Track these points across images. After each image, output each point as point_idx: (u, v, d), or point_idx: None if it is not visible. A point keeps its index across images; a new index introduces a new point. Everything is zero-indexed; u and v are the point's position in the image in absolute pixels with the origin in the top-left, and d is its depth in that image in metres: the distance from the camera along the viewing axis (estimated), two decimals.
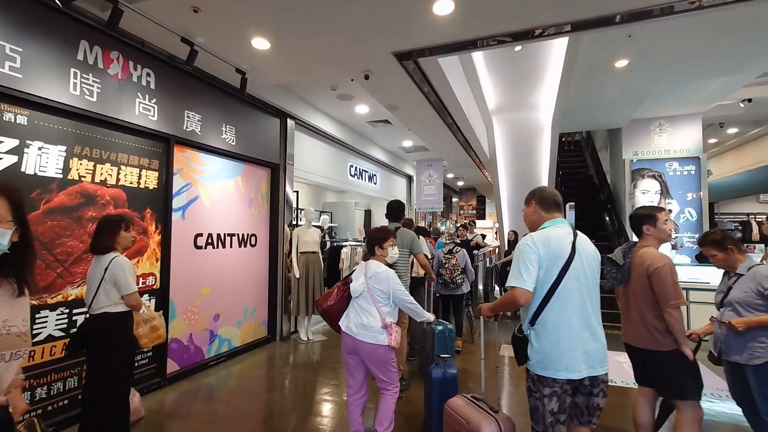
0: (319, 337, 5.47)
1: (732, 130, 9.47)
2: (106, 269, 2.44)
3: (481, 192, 16.67)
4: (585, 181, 10.59)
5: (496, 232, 22.28)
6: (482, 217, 17.44)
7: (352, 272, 2.70)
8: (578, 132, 11.76)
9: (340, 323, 2.55)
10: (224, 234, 4.53)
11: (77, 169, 3.02)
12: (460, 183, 15.03)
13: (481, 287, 7.52)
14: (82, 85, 3.04)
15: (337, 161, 7.24)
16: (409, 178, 11.18)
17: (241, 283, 4.79)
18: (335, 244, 7.63)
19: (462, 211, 16.06)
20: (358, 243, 7.14)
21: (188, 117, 4.00)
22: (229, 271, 4.60)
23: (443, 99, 4.74)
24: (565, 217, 1.97)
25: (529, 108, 7.13)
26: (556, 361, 1.70)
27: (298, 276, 5.22)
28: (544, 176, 7.84)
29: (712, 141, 10.62)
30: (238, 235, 4.74)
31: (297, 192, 6.05)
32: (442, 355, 3.09)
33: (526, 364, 1.80)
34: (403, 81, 4.11)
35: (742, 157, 10.69)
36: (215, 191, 4.42)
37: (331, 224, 9.17)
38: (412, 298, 2.58)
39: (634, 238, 2.52)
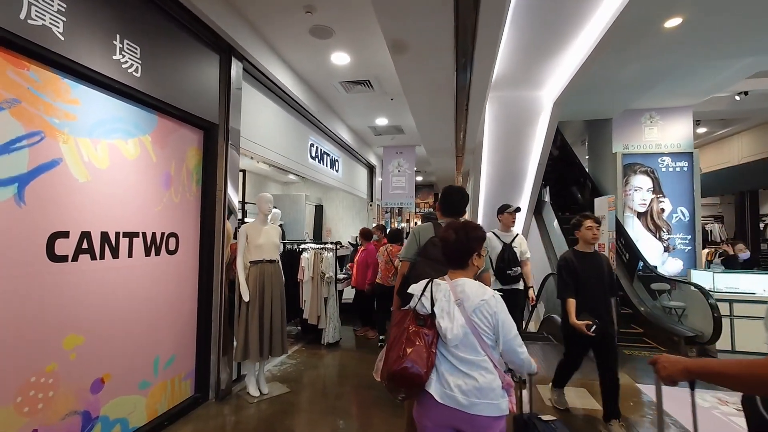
0: (277, 389, 3.63)
1: (701, 130, 9.32)
2: None
3: (438, 190, 15.62)
4: (559, 177, 9.92)
5: None
6: None
7: (406, 299, 1.69)
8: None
9: (429, 389, 1.54)
10: (116, 233, 2.54)
11: None
12: (419, 178, 13.79)
13: None
14: None
15: (295, 135, 5.37)
16: (371, 169, 9.56)
17: (148, 318, 2.81)
18: (289, 247, 5.78)
19: (418, 210, 14.82)
20: (323, 246, 5.38)
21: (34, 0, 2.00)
22: (124, 298, 2.61)
23: (479, 36, 3.20)
24: None
25: (532, 84, 5.94)
26: None
27: (247, 298, 3.37)
28: (531, 169, 6.83)
29: None
30: (143, 234, 2.76)
31: (244, 171, 4.12)
32: (544, 418, 2.09)
33: None
34: None
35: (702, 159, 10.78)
36: (98, 155, 2.42)
37: (280, 221, 7.24)
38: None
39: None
